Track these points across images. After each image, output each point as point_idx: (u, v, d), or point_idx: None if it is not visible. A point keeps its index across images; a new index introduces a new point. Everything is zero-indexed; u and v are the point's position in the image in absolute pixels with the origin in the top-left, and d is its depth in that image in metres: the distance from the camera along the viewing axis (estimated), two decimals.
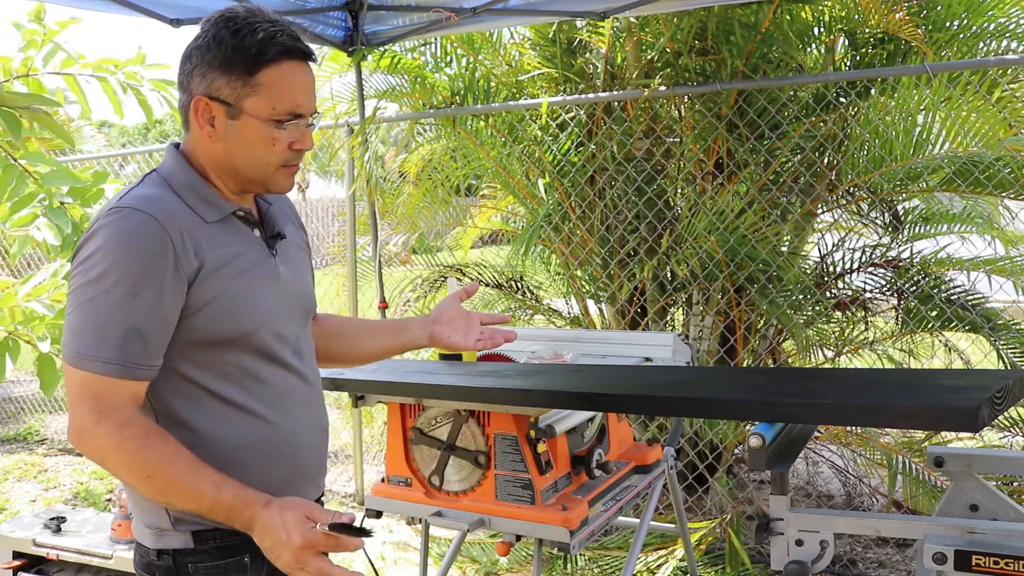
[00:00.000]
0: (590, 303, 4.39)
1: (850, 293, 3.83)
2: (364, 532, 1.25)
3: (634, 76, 3.87)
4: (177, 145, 1.42)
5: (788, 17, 3.59)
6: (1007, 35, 3.43)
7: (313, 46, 3.93)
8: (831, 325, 3.93)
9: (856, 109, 3.57)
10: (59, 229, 2.15)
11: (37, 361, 2.16)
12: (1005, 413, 3.32)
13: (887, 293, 3.76)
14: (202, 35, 1.33)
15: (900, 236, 3.88)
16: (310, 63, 1.37)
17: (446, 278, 4.57)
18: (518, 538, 2.03)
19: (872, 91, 3.54)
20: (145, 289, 1.25)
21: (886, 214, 3.98)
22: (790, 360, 4.08)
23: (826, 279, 3.87)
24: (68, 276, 1.70)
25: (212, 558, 1.35)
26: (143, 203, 1.29)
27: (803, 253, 4.07)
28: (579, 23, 3.88)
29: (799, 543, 1.62)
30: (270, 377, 1.40)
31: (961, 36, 3.48)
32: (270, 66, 1.30)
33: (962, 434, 3.52)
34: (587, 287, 4.22)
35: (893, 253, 3.79)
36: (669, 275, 3.89)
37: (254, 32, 1.29)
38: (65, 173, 2.26)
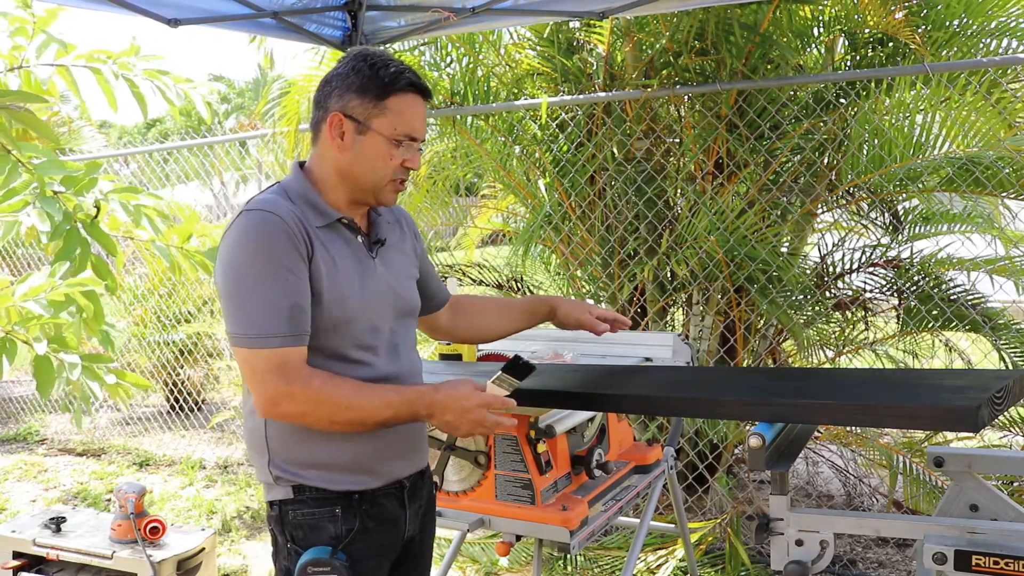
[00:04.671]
0: (590, 303, 4.38)
1: (850, 293, 3.83)
2: (528, 367, 1.51)
3: (634, 76, 3.87)
4: (302, 164, 1.66)
5: (787, 17, 3.59)
6: (1007, 34, 3.43)
7: (312, 46, 3.92)
8: (831, 325, 3.93)
9: (856, 109, 3.57)
10: (50, 217, 2.14)
11: (33, 362, 2.13)
12: (1005, 413, 3.32)
13: (887, 293, 3.76)
14: (342, 65, 1.59)
15: (900, 236, 3.87)
16: (427, 99, 1.62)
17: (446, 278, 4.57)
18: (518, 538, 2.03)
19: (872, 91, 3.53)
20: (289, 269, 1.49)
21: (886, 214, 3.97)
22: (790, 360, 4.08)
23: (826, 279, 3.87)
24: (67, 276, 1.83)
25: (308, 507, 1.58)
26: (265, 205, 1.53)
27: (803, 253, 4.06)
28: (578, 23, 3.88)
29: (799, 543, 1.62)
30: (363, 359, 1.60)
31: (961, 36, 3.48)
32: (397, 95, 1.56)
33: (962, 434, 3.52)
34: (587, 287, 4.22)
35: (893, 253, 3.79)
36: (669, 275, 3.89)
37: (387, 67, 1.56)
38: (57, 163, 2.24)
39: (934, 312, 3.54)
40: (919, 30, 3.36)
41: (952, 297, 3.56)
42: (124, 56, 2.36)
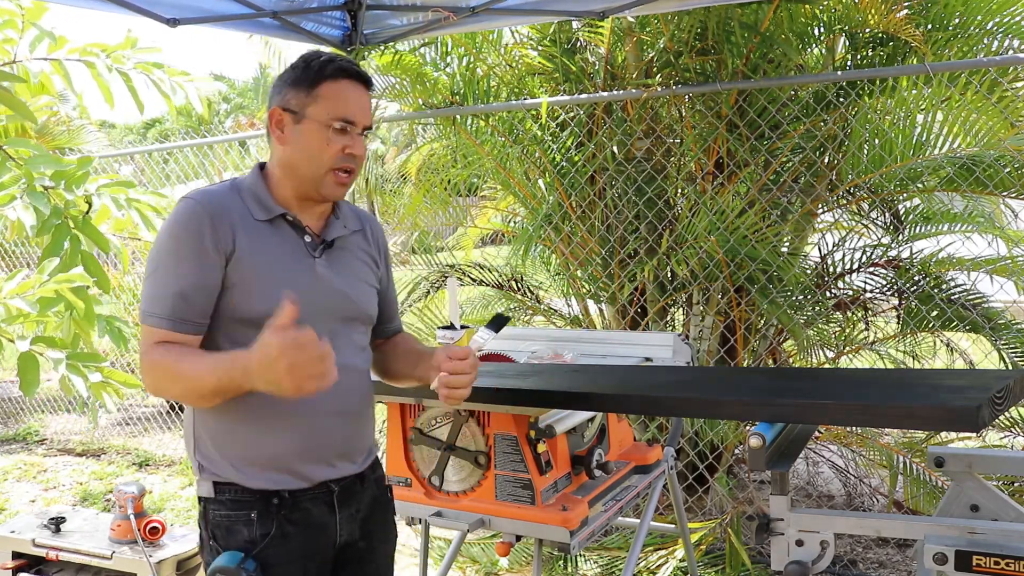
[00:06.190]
0: (590, 303, 4.39)
1: (850, 293, 3.82)
2: (503, 318, 1.67)
3: (634, 76, 3.87)
4: (263, 165, 1.69)
5: (788, 17, 3.58)
6: (1008, 34, 3.42)
7: (311, 46, 3.94)
8: (831, 325, 3.92)
9: (856, 109, 3.56)
10: (37, 211, 2.12)
11: (19, 361, 2.11)
12: (1005, 413, 3.32)
13: (887, 293, 3.75)
14: (285, 69, 1.64)
15: (900, 236, 3.87)
16: (365, 86, 1.63)
17: (446, 278, 4.57)
18: (518, 538, 2.03)
19: (873, 91, 3.53)
20: (188, 258, 1.52)
21: (886, 214, 3.97)
22: (790, 360, 4.07)
23: (826, 279, 3.86)
24: (54, 273, 1.86)
25: (226, 508, 1.60)
26: (196, 194, 1.58)
27: (803, 253, 4.06)
28: (578, 23, 3.87)
29: (799, 543, 1.62)
30: None
31: (962, 35, 3.48)
32: (329, 81, 1.59)
33: (963, 434, 3.51)
34: (587, 287, 4.21)
35: (893, 253, 3.79)
36: (669, 275, 3.89)
37: (319, 58, 1.61)
38: (48, 157, 2.23)
39: (934, 312, 3.53)
40: (919, 29, 3.36)
41: (953, 297, 3.56)
42: (119, 49, 2.33)
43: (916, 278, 3.66)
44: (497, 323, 1.68)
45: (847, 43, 3.81)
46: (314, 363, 1.35)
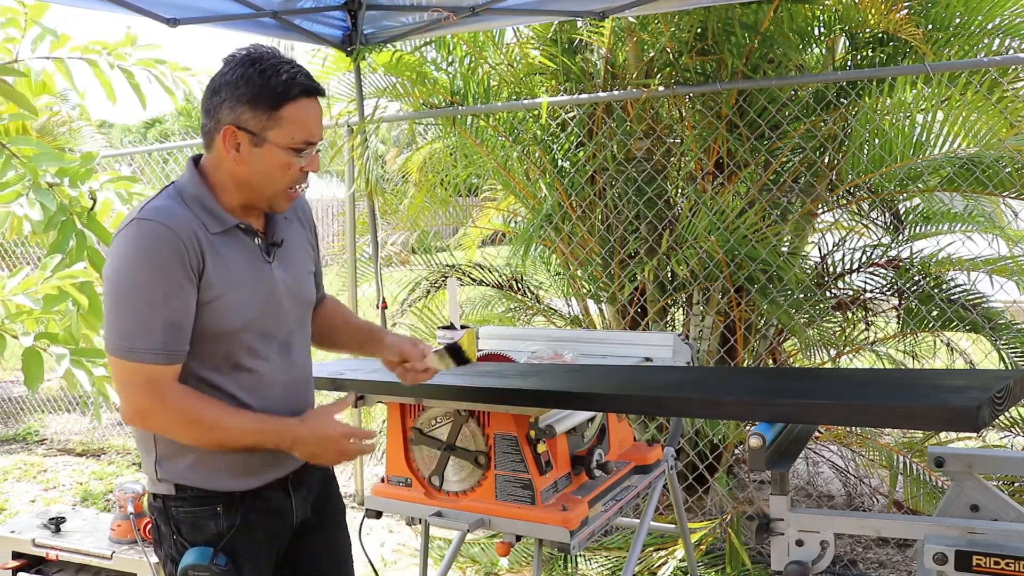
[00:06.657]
0: (590, 303, 4.39)
1: (850, 293, 3.82)
2: (464, 360, 1.79)
3: (634, 76, 3.87)
4: (197, 160, 1.63)
5: (788, 17, 3.58)
6: (1008, 33, 3.42)
7: (312, 46, 3.93)
8: (831, 325, 3.92)
9: (856, 109, 3.56)
10: (44, 207, 2.13)
11: (23, 356, 2.13)
12: (1005, 413, 3.32)
13: (888, 293, 3.75)
14: (229, 72, 1.54)
15: (900, 236, 3.87)
16: (320, 96, 1.60)
17: (446, 278, 4.57)
18: (518, 538, 2.03)
19: (873, 90, 3.53)
20: (172, 287, 1.49)
21: (886, 214, 3.97)
22: (790, 360, 4.07)
23: (826, 279, 3.86)
24: (57, 269, 1.88)
25: (190, 504, 1.62)
26: (157, 215, 1.51)
27: (803, 253, 4.06)
28: (579, 23, 3.88)
29: (799, 543, 1.62)
30: (252, 366, 1.62)
31: (962, 35, 3.48)
32: (291, 103, 1.53)
33: (963, 434, 3.51)
34: (587, 287, 4.21)
35: (893, 253, 3.79)
36: (669, 275, 3.89)
37: (278, 73, 1.52)
38: (52, 154, 2.25)
39: (934, 312, 3.53)
40: (919, 29, 3.36)
41: (953, 297, 3.56)
42: (120, 47, 2.33)
43: (916, 278, 3.66)
44: (457, 356, 1.80)
45: (847, 43, 3.81)
46: (358, 448, 1.63)
